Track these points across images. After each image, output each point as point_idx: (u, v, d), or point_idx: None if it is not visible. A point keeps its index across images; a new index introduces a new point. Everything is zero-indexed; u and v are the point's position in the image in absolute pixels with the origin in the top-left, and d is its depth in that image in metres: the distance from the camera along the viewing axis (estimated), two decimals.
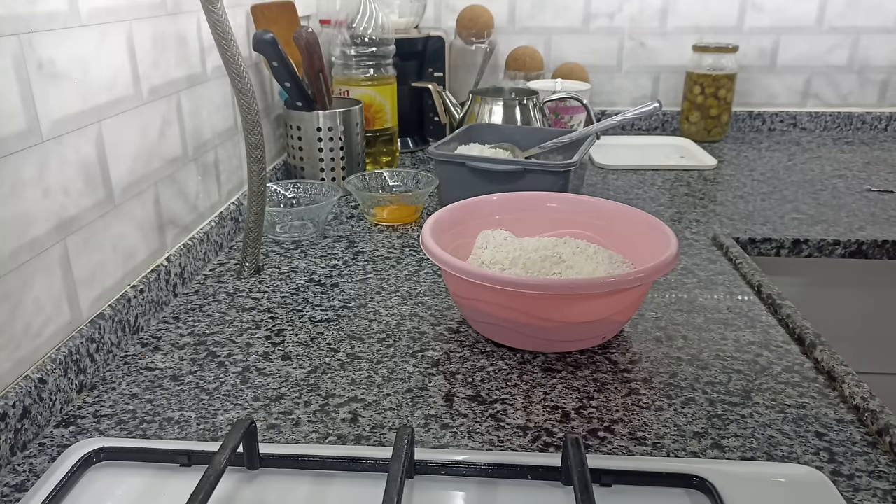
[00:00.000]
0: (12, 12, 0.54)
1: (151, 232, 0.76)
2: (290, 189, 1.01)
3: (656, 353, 0.67)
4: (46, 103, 0.58)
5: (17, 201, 0.55)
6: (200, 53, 0.87)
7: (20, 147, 0.55)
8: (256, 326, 0.72)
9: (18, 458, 0.53)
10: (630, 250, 0.73)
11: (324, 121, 1.09)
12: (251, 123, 0.76)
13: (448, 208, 0.76)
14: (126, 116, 0.71)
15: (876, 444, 0.54)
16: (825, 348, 0.65)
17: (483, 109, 1.23)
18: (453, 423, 0.57)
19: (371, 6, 1.20)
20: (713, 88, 1.47)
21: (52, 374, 0.57)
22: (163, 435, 0.55)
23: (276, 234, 0.96)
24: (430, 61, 1.40)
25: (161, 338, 0.70)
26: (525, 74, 1.48)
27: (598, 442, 0.54)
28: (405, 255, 0.90)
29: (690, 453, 0.53)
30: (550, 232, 0.79)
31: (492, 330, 0.68)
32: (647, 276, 0.62)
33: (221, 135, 0.95)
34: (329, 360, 0.66)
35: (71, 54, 0.61)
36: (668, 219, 1.03)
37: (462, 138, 1.14)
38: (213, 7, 0.69)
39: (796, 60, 1.57)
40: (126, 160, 0.71)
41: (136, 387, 0.62)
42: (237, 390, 0.61)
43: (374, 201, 1.00)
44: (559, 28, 1.57)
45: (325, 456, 0.50)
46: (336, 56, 1.24)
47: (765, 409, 0.58)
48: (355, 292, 0.80)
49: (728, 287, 0.81)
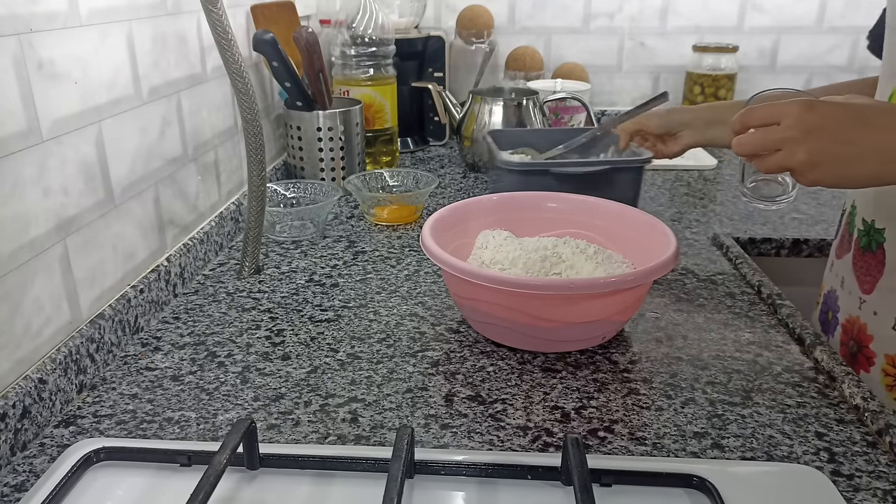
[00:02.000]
0: (12, 12, 0.54)
1: (151, 232, 0.76)
2: (290, 189, 1.01)
3: (656, 353, 0.67)
4: (46, 103, 0.58)
5: (17, 201, 0.55)
6: (200, 53, 0.87)
7: (20, 147, 0.55)
8: (256, 326, 0.72)
9: (18, 458, 0.53)
10: (630, 250, 0.73)
11: (324, 121, 1.09)
12: (251, 123, 0.76)
13: (448, 208, 0.76)
14: (126, 116, 0.71)
15: (876, 444, 0.54)
16: (825, 348, 0.65)
17: (483, 109, 1.22)
18: (453, 423, 0.57)
19: (371, 6, 1.20)
20: (713, 88, 1.47)
21: (52, 374, 0.57)
22: (163, 435, 0.55)
23: (276, 234, 0.96)
24: (430, 61, 1.40)
25: (161, 338, 0.70)
26: (525, 74, 1.48)
27: (598, 442, 0.54)
28: (405, 255, 0.90)
29: (690, 453, 0.53)
30: (550, 232, 0.79)
31: (492, 330, 0.68)
32: (647, 276, 0.62)
33: (221, 135, 0.95)
34: (329, 360, 0.66)
35: (71, 54, 0.61)
36: (668, 219, 1.03)
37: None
38: (213, 7, 0.69)
39: (796, 60, 1.57)
40: (126, 160, 0.71)
41: (136, 387, 0.62)
42: (237, 390, 0.61)
43: (374, 201, 1.00)
44: (559, 28, 1.57)
45: (325, 456, 0.50)
46: (336, 56, 1.24)
47: (765, 409, 0.58)
48: (355, 292, 0.80)
49: (728, 287, 0.81)
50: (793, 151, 0.55)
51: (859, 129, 0.54)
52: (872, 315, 0.69)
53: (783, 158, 0.56)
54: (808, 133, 0.55)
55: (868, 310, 0.69)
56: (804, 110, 0.55)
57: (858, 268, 0.71)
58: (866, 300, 0.70)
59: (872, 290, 0.69)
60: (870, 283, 0.69)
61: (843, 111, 0.55)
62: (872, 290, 0.69)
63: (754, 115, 0.58)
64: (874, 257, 0.68)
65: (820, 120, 0.55)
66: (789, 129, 0.55)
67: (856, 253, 0.72)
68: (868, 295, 0.69)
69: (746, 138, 0.58)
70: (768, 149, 0.57)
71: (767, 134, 0.57)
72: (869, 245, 0.69)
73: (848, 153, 0.54)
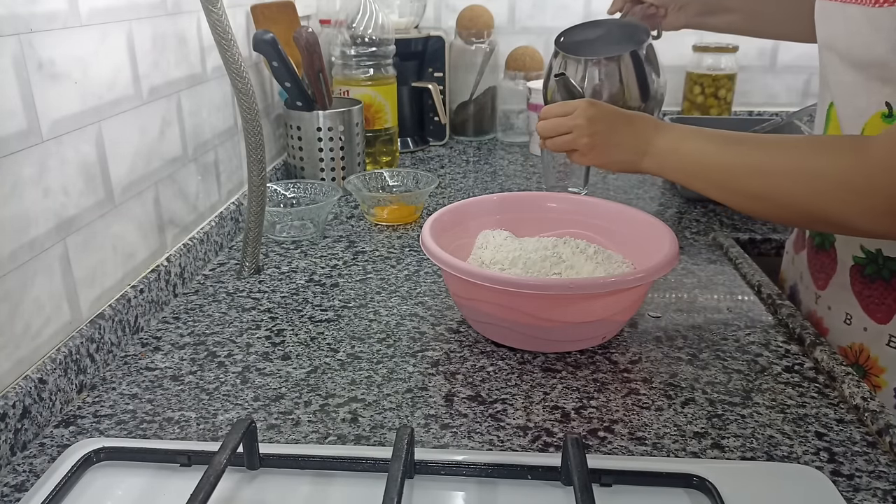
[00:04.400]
0: (12, 12, 0.54)
1: (151, 232, 0.76)
2: (290, 189, 1.01)
3: (656, 353, 0.67)
4: (46, 103, 0.58)
5: (17, 201, 0.55)
6: (200, 53, 0.87)
7: (20, 147, 0.55)
8: (256, 326, 0.72)
9: (18, 458, 0.53)
10: (630, 250, 0.73)
11: (324, 121, 1.09)
12: (251, 123, 0.76)
13: (448, 208, 0.76)
14: (126, 116, 0.71)
15: (876, 444, 0.54)
16: (825, 348, 0.65)
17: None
18: (453, 423, 0.57)
19: (371, 6, 1.20)
20: (713, 88, 1.47)
21: (52, 374, 0.57)
22: (163, 435, 0.55)
23: (276, 234, 0.96)
24: (430, 61, 1.40)
25: (161, 338, 0.70)
26: (525, 74, 1.48)
27: (598, 442, 0.54)
28: (405, 255, 0.90)
29: (690, 453, 0.53)
30: (550, 232, 0.79)
31: (492, 330, 0.68)
32: (647, 276, 0.62)
33: (221, 135, 0.95)
34: (329, 360, 0.66)
35: (71, 54, 0.61)
36: (668, 219, 1.03)
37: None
38: (213, 7, 0.69)
39: (796, 60, 1.57)
40: (126, 160, 0.71)
41: (136, 387, 0.62)
42: (237, 390, 0.61)
43: (374, 201, 1.00)
44: (559, 28, 1.56)
45: (325, 456, 0.50)
46: (336, 56, 1.24)
47: (765, 409, 0.58)
48: (355, 292, 0.80)
49: (728, 287, 0.81)
50: (579, 135, 0.71)
51: (626, 126, 0.71)
52: (827, 310, 0.73)
53: (570, 140, 0.72)
54: (590, 122, 0.71)
55: (823, 305, 0.74)
56: (589, 106, 0.72)
57: (813, 265, 0.75)
58: (821, 295, 0.74)
59: (826, 286, 0.73)
60: (823, 279, 0.73)
61: (617, 112, 0.72)
62: (826, 286, 0.73)
63: (551, 109, 0.74)
64: (827, 255, 0.72)
65: (600, 115, 0.71)
66: (578, 118, 0.71)
67: (810, 251, 0.76)
68: (822, 291, 0.74)
69: (544, 123, 0.74)
70: (560, 131, 0.73)
71: (561, 120, 0.73)
72: (822, 244, 0.73)
73: (614, 142, 0.71)
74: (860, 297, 0.68)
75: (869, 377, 0.68)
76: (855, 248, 0.68)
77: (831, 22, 0.66)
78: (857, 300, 0.69)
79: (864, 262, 0.67)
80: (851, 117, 0.65)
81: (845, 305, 0.70)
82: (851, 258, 0.69)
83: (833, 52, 0.67)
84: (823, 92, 0.72)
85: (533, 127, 1.39)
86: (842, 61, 0.65)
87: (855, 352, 0.69)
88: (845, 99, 0.66)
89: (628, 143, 0.70)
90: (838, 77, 0.67)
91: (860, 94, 0.63)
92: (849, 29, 0.62)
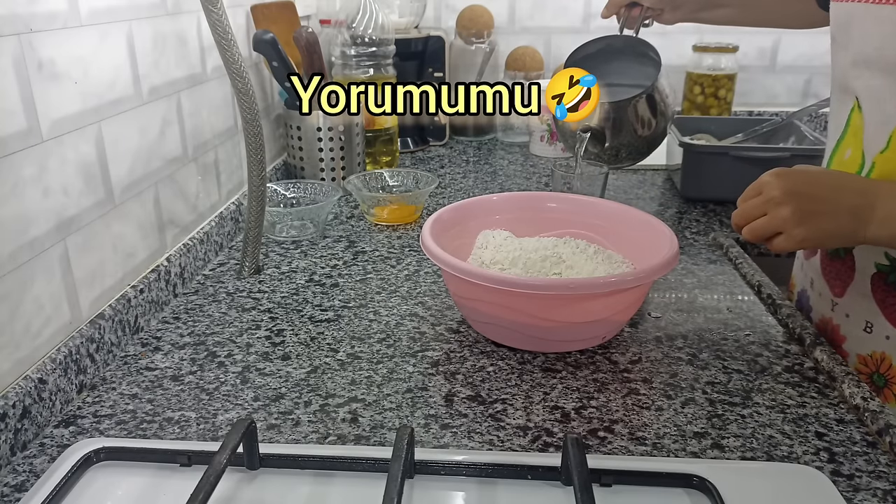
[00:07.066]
0: (12, 12, 0.54)
1: (151, 232, 0.76)
2: (290, 189, 1.01)
3: (656, 353, 0.67)
4: (46, 103, 0.58)
5: (17, 201, 0.55)
6: (200, 53, 0.87)
7: (20, 147, 0.55)
8: (256, 326, 0.72)
9: (18, 458, 0.53)
10: (630, 250, 0.73)
11: (324, 121, 1.09)
12: (251, 123, 0.76)
13: (448, 208, 0.76)
14: (126, 116, 0.71)
15: (876, 444, 0.54)
16: (825, 348, 0.65)
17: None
18: (453, 423, 0.57)
19: (371, 6, 1.20)
20: (713, 88, 1.47)
21: (52, 374, 0.57)
22: (163, 435, 0.55)
23: (276, 234, 0.96)
24: (430, 61, 1.40)
25: (161, 338, 0.70)
26: (525, 74, 1.48)
27: (598, 442, 0.54)
28: (405, 255, 0.90)
29: (690, 453, 0.53)
30: (550, 232, 0.79)
31: (492, 330, 0.68)
32: (647, 276, 0.62)
33: (221, 135, 0.95)
34: (329, 360, 0.66)
35: (71, 54, 0.61)
36: (668, 219, 1.03)
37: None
38: (213, 7, 0.69)
39: (796, 60, 1.57)
40: (126, 160, 0.71)
41: (136, 387, 0.62)
42: (237, 390, 0.61)
43: (374, 201, 1.00)
44: (559, 28, 1.57)
45: (325, 456, 0.50)
46: (336, 56, 1.23)
47: (765, 409, 0.58)
48: (355, 292, 0.80)
49: (728, 287, 0.81)
50: (777, 212, 0.60)
51: (832, 191, 0.60)
52: (845, 317, 0.70)
53: (769, 220, 0.60)
54: (786, 194, 0.59)
55: (840, 312, 0.71)
56: (777, 176, 0.61)
57: (828, 272, 0.73)
58: (838, 303, 0.71)
59: (844, 293, 0.70)
60: (840, 286, 0.71)
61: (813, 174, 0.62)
62: (844, 294, 0.70)
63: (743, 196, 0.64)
64: (843, 263, 0.70)
65: (796, 183, 0.60)
66: (770, 191, 0.60)
67: (823, 258, 0.74)
68: (840, 298, 0.71)
69: (736, 211, 0.64)
70: (754, 215, 0.61)
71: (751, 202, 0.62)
72: (837, 252, 0.71)
73: (822, 210, 0.59)
74: (882, 305, 0.66)
75: (890, 385, 0.66)
76: (878, 256, 0.65)
77: (857, 24, 0.64)
78: (878, 308, 0.66)
79: (887, 269, 0.65)
80: (878, 123, 0.63)
81: (865, 313, 0.68)
82: (874, 265, 0.66)
83: (857, 55, 0.64)
84: (841, 96, 0.69)
85: (533, 127, 1.39)
86: (869, 65, 0.63)
87: (876, 360, 0.67)
88: (871, 104, 0.64)
89: (842, 207, 0.59)
90: (864, 82, 0.64)
91: (889, 100, 0.61)
92: (882, 31, 0.60)
